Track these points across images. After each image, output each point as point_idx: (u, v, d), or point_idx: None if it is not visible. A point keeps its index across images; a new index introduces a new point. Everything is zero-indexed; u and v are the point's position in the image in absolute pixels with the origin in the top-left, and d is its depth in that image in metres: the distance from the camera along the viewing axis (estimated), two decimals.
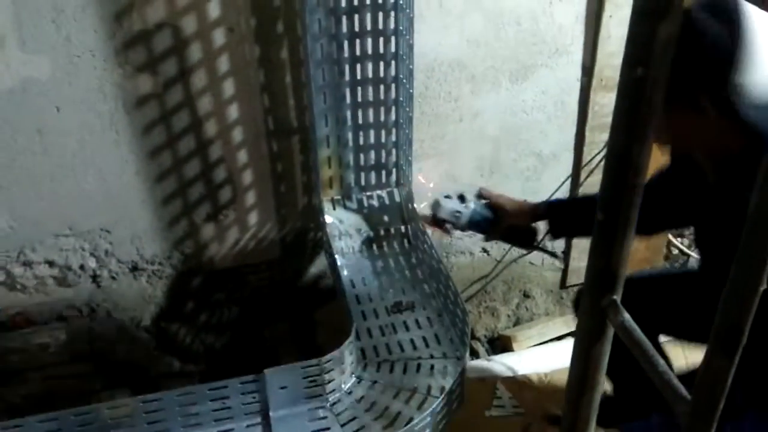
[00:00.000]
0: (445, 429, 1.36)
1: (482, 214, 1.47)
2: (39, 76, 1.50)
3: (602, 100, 1.92)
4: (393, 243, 1.75)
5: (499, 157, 1.98)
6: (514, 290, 2.23)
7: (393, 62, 1.61)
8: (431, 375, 1.38)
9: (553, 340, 2.13)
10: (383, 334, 1.49)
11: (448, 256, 2.09)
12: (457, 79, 1.81)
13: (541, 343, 2.11)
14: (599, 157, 1.97)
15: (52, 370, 1.74)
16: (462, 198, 1.48)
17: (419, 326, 1.50)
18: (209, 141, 1.70)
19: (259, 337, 1.95)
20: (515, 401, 1.84)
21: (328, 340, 1.87)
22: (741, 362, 0.52)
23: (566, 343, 2.06)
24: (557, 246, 2.23)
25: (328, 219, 1.73)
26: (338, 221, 1.73)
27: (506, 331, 2.19)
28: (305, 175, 1.83)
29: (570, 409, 0.80)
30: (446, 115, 1.86)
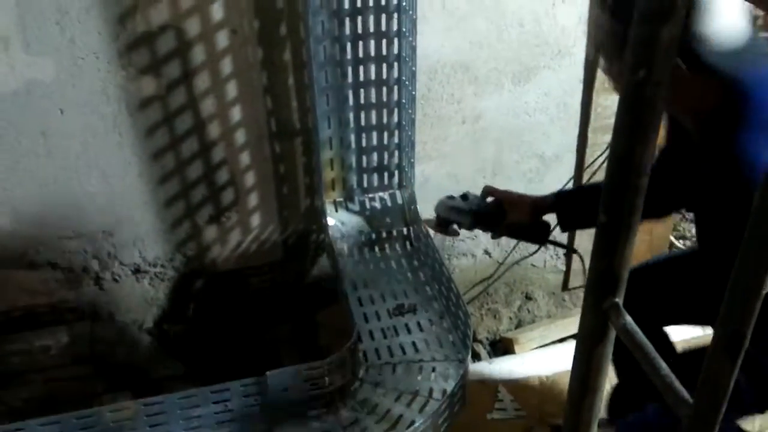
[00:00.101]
0: None
1: (487, 212, 1.44)
2: (43, 78, 1.50)
3: (605, 102, 1.92)
4: (395, 245, 1.75)
5: (501, 159, 1.98)
6: (516, 292, 2.23)
7: (396, 64, 1.61)
8: (433, 378, 1.38)
9: (555, 342, 2.12)
10: (385, 336, 1.49)
11: (450, 258, 2.09)
12: (459, 81, 1.81)
13: (543, 345, 2.11)
14: (602, 159, 1.97)
15: (53, 373, 1.74)
16: (465, 197, 1.46)
17: (421, 329, 1.50)
18: (212, 143, 1.70)
19: (260, 339, 1.95)
20: (517, 404, 1.83)
21: (330, 342, 1.88)
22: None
23: (568, 346, 2.06)
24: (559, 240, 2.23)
25: (331, 221, 1.73)
26: (340, 223, 1.73)
27: (508, 333, 2.19)
28: (308, 177, 1.83)
29: (572, 412, 0.80)
30: (449, 116, 1.86)
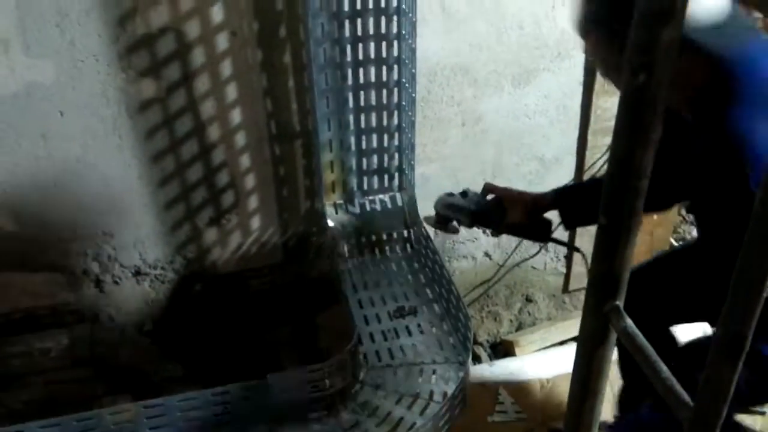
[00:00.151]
0: None
1: (487, 209, 1.43)
2: (43, 80, 1.50)
3: (604, 104, 1.92)
4: (395, 247, 1.75)
5: (501, 161, 1.98)
6: (516, 295, 2.23)
7: (395, 66, 1.61)
8: (434, 380, 1.38)
9: (556, 345, 2.12)
10: (385, 338, 1.48)
11: (450, 261, 2.09)
12: (459, 84, 1.81)
13: (543, 348, 2.11)
14: (602, 161, 1.97)
15: (53, 375, 1.74)
16: (465, 194, 1.45)
17: (421, 331, 1.50)
18: (212, 145, 1.70)
19: (261, 342, 1.95)
20: (517, 407, 1.83)
21: (331, 344, 1.87)
22: None
23: (569, 348, 2.06)
24: (559, 246, 2.23)
25: (331, 223, 1.73)
26: (340, 225, 1.73)
27: (508, 336, 2.18)
28: (308, 179, 1.83)
29: (572, 415, 0.79)
30: (449, 119, 1.86)
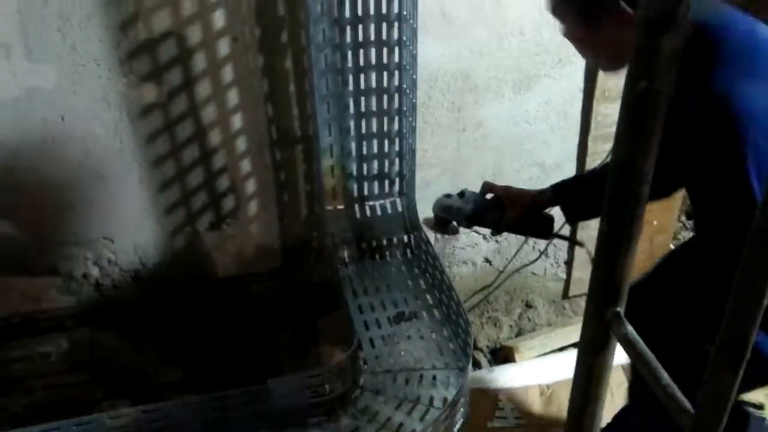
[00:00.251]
0: None
1: (485, 208, 1.43)
2: (45, 85, 1.50)
3: (605, 111, 1.93)
4: (395, 252, 1.74)
5: (502, 167, 1.98)
6: (516, 300, 2.23)
7: (396, 72, 1.62)
8: (433, 386, 1.37)
9: (556, 351, 2.12)
10: (386, 344, 1.48)
11: (451, 266, 2.09)
12: (460, 89, 1.81)
13: (543, 354, 2.11)
14: None
15: (53, 379, 1.74)
16: (462, 194, 1.44)
17: (421, 336, 1.50)
18: (213, 150, 1.70)
19: (261, 346, 1.95)
20: (517, 413, 1.83)
21: (331, 349, 1.87)
22: None
23: (569, 354, 2.06)
24: (559, 252, 2.23)
25: (331, 228, 1.73)
26: (341, 230, 1.73)
27: (508, 341, 2.18)
28: (308, 184, 1.83)
29: (573, 422, 0.79)
30: (449, 124, 1.86)
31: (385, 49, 1.59)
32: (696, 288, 1.25)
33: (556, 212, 1.44)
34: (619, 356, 0.73)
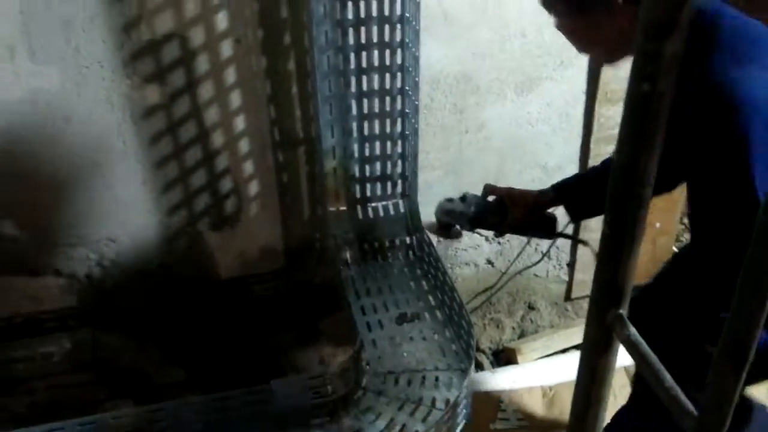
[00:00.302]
0: None
1: (487, 211, 1.43)
2: (48, 86, 1.51)
3: (607, 113, 1.93)
4: (398, 254, 1.75)
5: (504, 169, 1.98)
6: (518, 302, 2.23)
7: (399, 74, 1.62)
8: (436, 387, 1.38)
9: (558, 352, 2.12)
10: (388, 345, 1.48)
11: (453, 268, 2.09)
12: (462, 91, 1.82)
13: (546, 355, 2.10)
14: None
15: (56, 380, 1.75)
16: (464, 198, 1.45)
17: (424, 338, 1.50)
18: (216, 152, 1.71)
19: (263, 347, 1.95)
20: (520, 414, 1.83)
21: (333, 350, 1.88)
22: None
23: (571, 356, 2.06)
24: (562, 253, 2.23)
25: (334, 230, 1.73)
26: (343, 232, 1.73)
27: (511, 343, 2.18)
28: (311, 185, 1.83)
29: (576, 424, 0.79)
30: (451, 126, 1.86)
31: (387, 51, 1.59)
32: (692, 284, 1.24)
33: (558, 211, 1.44)
34: (622, 358, 0.73)
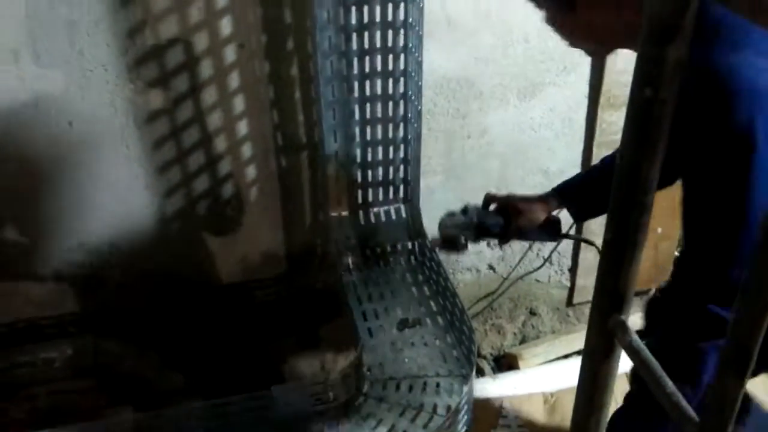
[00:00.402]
0: None
1: (489, 220, 1.43)
2: (52, 90, 1.51)
3: (610, 118, 1.93)
4: (400, 259, 1.74)
5: (506, 174, 1.98)
6: (520, 308, 2.22)
7: (402, 79, 1.62)
8: (437, 393, 1.37)
9: (560, 358, 2.11)
10: (389, 351, 1.48)
11: (455, 273, 2.09)
12: (465, 96, 1.82)
13: (547, 361, 2.10)
14: None
15: (57, 385, 1.74)
16: (465, 210, 1.45)
17: (425, 344, 1.50)
18: (218, 156, 1.71)
19: (265, 353, 1.95)
20: (521, 420, 1.82)
21: (334, 356, 1.87)
22: None
23: (573, 362, 2.05)
24: (564, 259, 2.23)
25: (336, 235, 1.73)
26: (345, 237, 1.73)
27: (512, 349, 2.18)
28: (313, 190, 1.83)
29: (577, 430, 0.79)
30: (454, 131, 1.86)
31: (390, 56, 1.59)
32: (682, 279, 1.23)
33: (559, 212, 1.44)
34: (624, 364, 0.72)
